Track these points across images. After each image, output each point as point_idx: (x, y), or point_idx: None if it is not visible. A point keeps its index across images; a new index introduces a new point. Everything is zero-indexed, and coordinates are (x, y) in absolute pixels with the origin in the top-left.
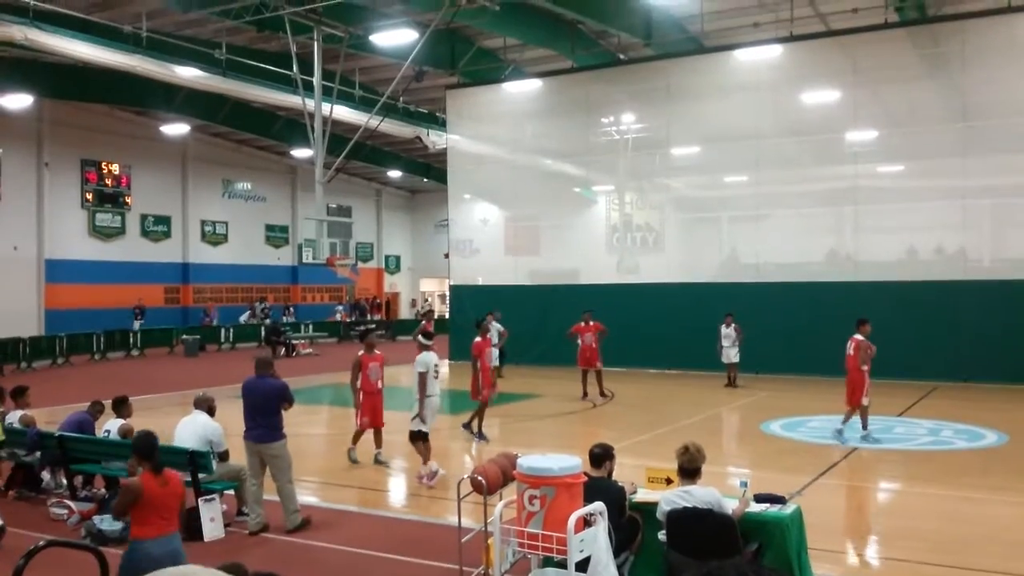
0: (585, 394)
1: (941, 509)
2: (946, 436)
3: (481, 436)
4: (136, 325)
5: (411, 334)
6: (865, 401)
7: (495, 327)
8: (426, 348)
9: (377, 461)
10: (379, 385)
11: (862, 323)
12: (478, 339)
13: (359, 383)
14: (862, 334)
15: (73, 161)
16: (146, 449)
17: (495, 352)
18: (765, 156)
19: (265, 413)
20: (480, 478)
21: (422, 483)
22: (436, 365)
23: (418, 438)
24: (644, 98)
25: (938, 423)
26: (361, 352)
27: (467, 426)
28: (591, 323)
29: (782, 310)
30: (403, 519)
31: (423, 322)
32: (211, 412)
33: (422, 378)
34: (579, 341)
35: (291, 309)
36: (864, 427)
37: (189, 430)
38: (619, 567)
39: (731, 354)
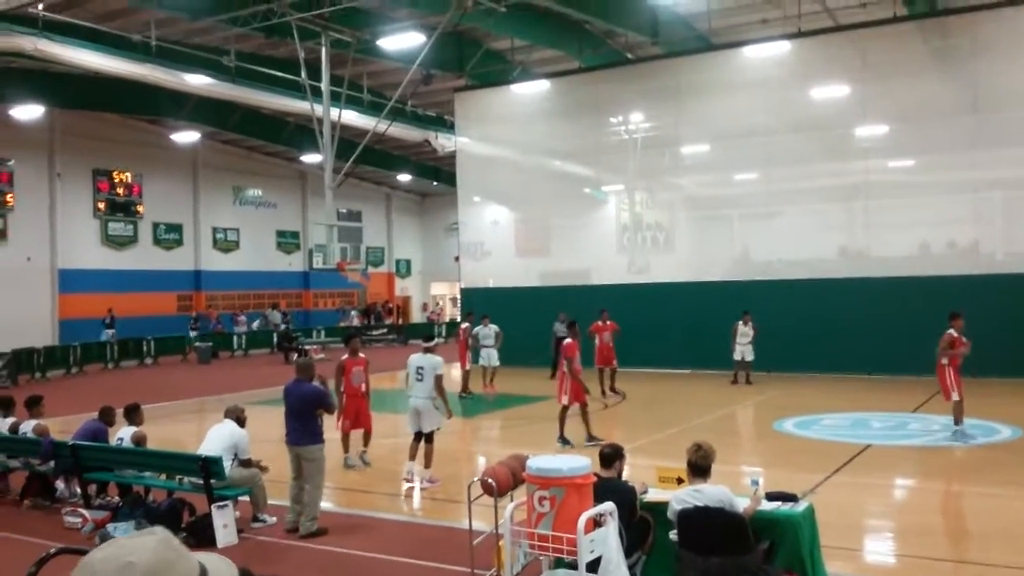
0: (604, 392)
1: (956, 505)
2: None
3: (565, 441)
4: (106, 335)
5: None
6: (954, 396)
7: (491, 328)
8: (428, 351)
9: (361, 461)
10: (363, 388)
11: (954, 317)
12: (568, 340)
13: (342, 387)
14: (954, 329)
15: (85, 171)
16: None
17: (494, 353)
18: (775, 153)
19: (302, 417)
20: (490, 480)
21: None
22: (419, 368)
23: (415, 438)
24: (653, 97)
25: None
26: (345, 356)
27: (591, 439)
28: (608, 322)
29: (794, 307)
30: (414, 522)
31: (464, 324)
32: (240, 422)
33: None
34: (597, 340)
35: (288, 316)
36: (956, 423)
37: (216, 436)
38: (631, 567)
39: (747, 352)
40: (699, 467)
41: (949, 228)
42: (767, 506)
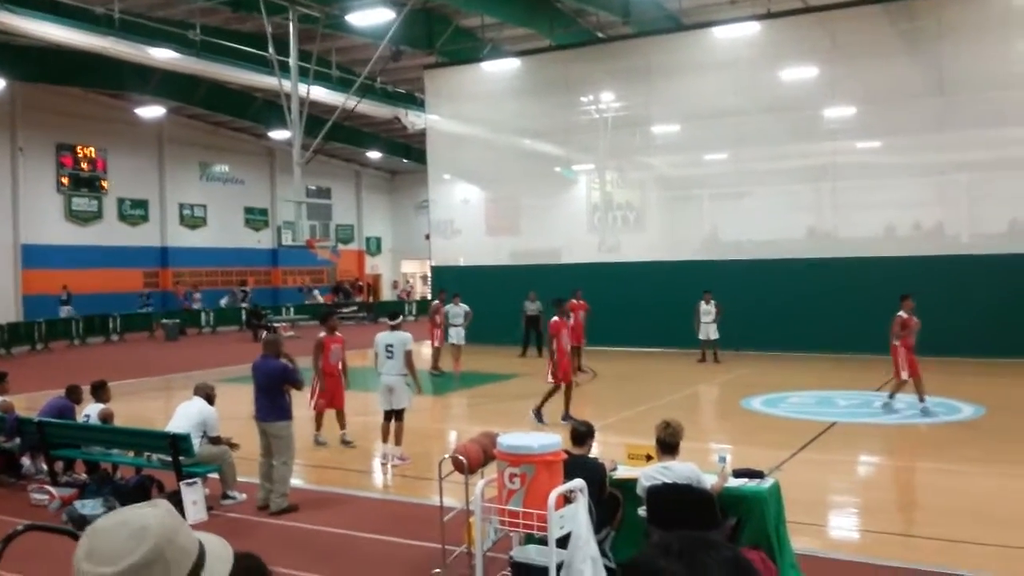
0: (580, 369)
1: (920, 481)
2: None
3: (540, 418)
4: (63, 312)
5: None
6: (903, 375)
7: (461, 307)
8: (395, 328)
9: (343, 442)
10: (339, 367)
11: (904, 298)
12: (555, 319)
13: (320, 365)
14: (904, 310)
15: (48, 145)
16: None
17: (462, 332)
18: (744, 133)
19: (270, 393)
20: (461, 457)
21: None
22: (388, 345)
23: (385, 418)
24: (623, 76)
25: (915, 397)
26: (322, 334)
27: (566, 417)
28: (580, 300)
29: (762, 287)
30: (386, 499)
31: (435, 303)
32: (209, 400)
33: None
34: (571, 319)
35: (248, 293)
36: (920, 399)
37: (185, 413)
38: (600, 543)
39: (711, 331)
40: (668, 444)
41: (915, 209)
42: (734, 483)
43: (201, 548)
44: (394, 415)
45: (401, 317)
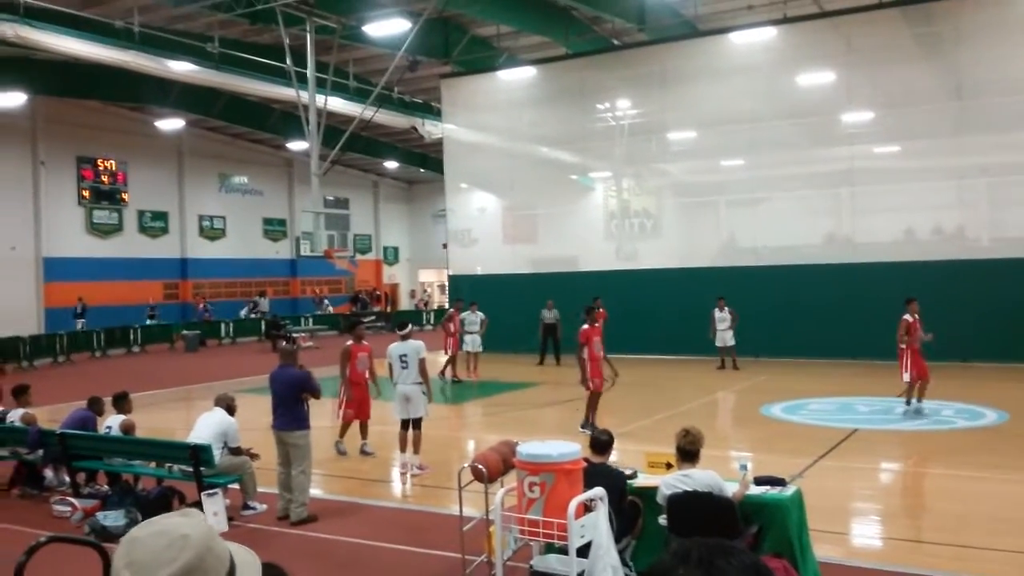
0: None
1: (942, 488)
2: (946, 416)
3: (591, 428)
4: (78, 324)
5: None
6: (905, 377)
7: (477, 315)
8: (405, 338)
9: (363, 452)
10: (367, 376)
11: (909, 302)
12: (585, 326)
13: (348, 373)
14: (909, 313)
15: (68, 159)
16: None
17: (478, 339)
18: (761, 139)
19: (287, 403)
20: (480, 466)
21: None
22: (402, 355)
23: (403, 427)
24: (639, 83)
25: (938, 403)
26: (350, 342)
27: (584, 425)
28: (601, 309)
29: (781, 293)
30: (405, 509)
31: (450, 310)
32: (230, 410)
33: (389, 367)
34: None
35: (256, 303)
36: (906, 402)
37: (206, 423)
38: (620, 552)
39: (727, 337)
40: (688, 452)
41: (934, 214)
42: (755, 490)
43: (231, 556)
44: (412, 424)
45: (410, 326)
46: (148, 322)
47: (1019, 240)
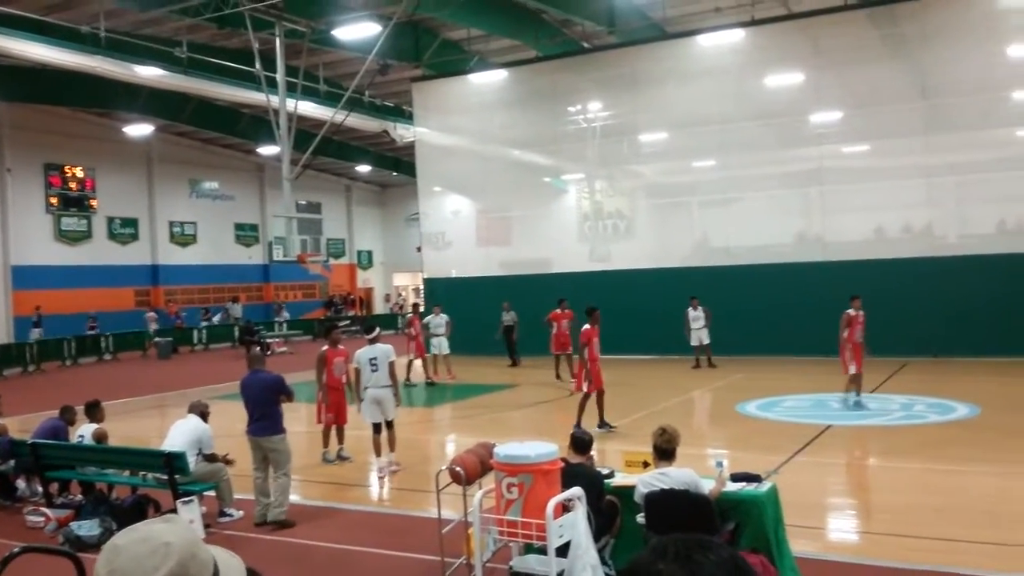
0: (559, 376)
1: (916, 482)
2: (919, 410)
3: (605, 426)
4: (34, 334)
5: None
6: (851, 370)
7: (442, 318)
8: (373, 341)
9: (340, 457)
10: (343, 380)
11: (853, 298)
12: (587, 327)
13: (324, 378)
14: (852, 308)
15: (36, 166)
16: None
17: (444, 341)
18: (732, 140)
19: (262, 407)
20: (458, 468)
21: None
22: (372, 359)
23: (375, 430)
24: (610, 86)
25: (910, 398)
26: (325, 347)
27: (601, 425)
28: (566, 310)
29: (754, 292)
30: (383, 513)
31: (409, 315)
32: (204, 417)
33: (356, 372)
34: (555, 327)
35: (209, 312)
36: (846, 391)
37: (180, 431)
38: (599, 551)
39: (702, 336)
40: (664, 450)
41: (903, 212)
42: (732, 487)
43: (215, 562)
44: (385, 425)
45: (378, 330)
46: (91, 332)
47: (986, 237)
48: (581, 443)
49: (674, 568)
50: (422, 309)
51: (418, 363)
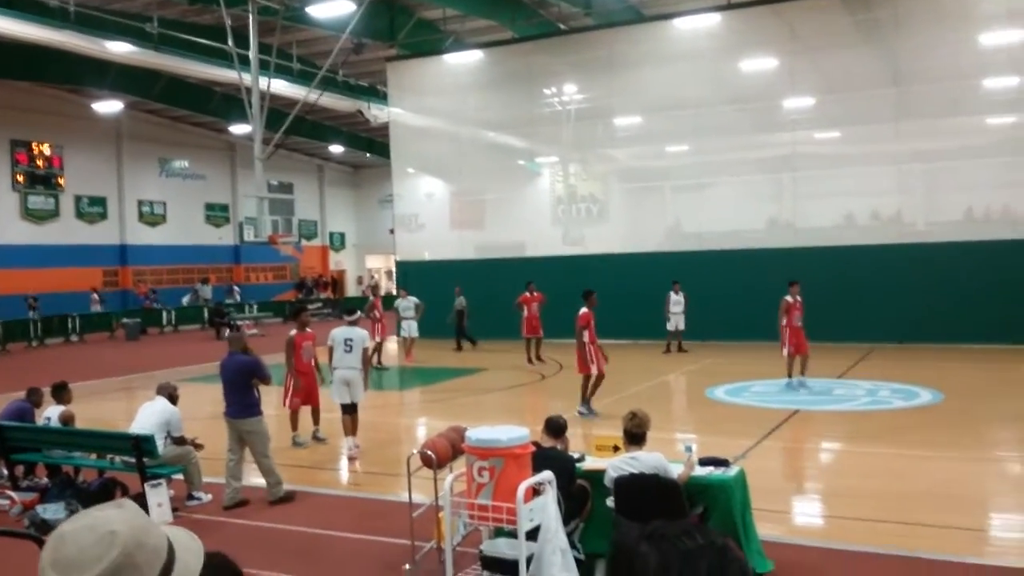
0: (530, 360)
1: (881, 467)
2: (884, 396)
3: (589, 410)
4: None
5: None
6: (784, 352)
7: (410, 300)
8: (352, 323)
9: (315, 438)
10: (312, 364)
11: (791, 284)
12: (584, 310)
13: (293, 363)
14: (790, 295)
15: (2, 142)
16: None
17: (413, 324)
18: (706, 125)
19: (238, 390)
20: (429, 452)
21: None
22: (347, 339)
23: (344, 411)
24: (586, 68)
25: (876, 384)
26: (293, 332)
27: (584, 408)
28: (535, 293)
29: (725, 277)
30: (355, 497)
31: (371, 298)
32: (172, 399)
33: (329, 350)
34: (525, 311)
35: (236, 289)
36: (788, 375)
37: (148, 413)
38: (569, 535)
39: (680, 321)
40: (635, 435)
41: (873, 199)
42: (700, 471)
43: (170, 545)
44: (352, 407)
45: (359, 313)
46: (30, 314)
47: (953, 224)
48: (556, 427)
49: (658, 550)
50: (383, 293)
51: (391, 345)
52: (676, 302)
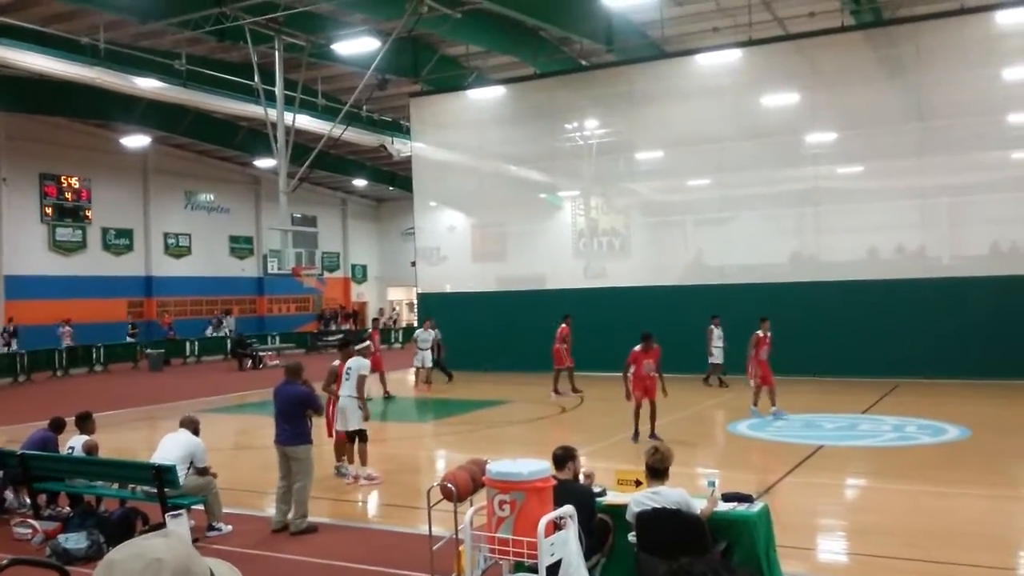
0: (556, 391)
1: (907, 504)
2: (910, 432)
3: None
4: (9, 345)
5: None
6: (751, 384)
7: (430, 333)
8: (360, 354)
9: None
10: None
11: (763, 320)
12: (636, 348)
13: (335, 390)
14: (761, 330)
15: (31, 175)
16: None
17: (428, 355)
18: (727, 159)
19: (290, 418)
20: (450, 485)
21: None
22: (347, 368)
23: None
24: (607, 103)
25: (902, 419)
26: (336, 362)
27: (642, 433)
28: (564, 325)
29: (747, 311)
30: (375, 529)
31: (369, 331)
32: (195, 432)
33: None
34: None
35: (226, 319)
36: (754, 404)
37: (171, 444)
38: (590, 570)
39: (720, 354)
40: (657, 470)
41: (897, 233)
42: (723, 507)
43: (212, 574)
44: (357, 436)
45: (368, 343)
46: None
47: (979, 258)
48: (555, 458)
49: None
50: (381, 325)
51: (409, 377)
52: (717, 336)
